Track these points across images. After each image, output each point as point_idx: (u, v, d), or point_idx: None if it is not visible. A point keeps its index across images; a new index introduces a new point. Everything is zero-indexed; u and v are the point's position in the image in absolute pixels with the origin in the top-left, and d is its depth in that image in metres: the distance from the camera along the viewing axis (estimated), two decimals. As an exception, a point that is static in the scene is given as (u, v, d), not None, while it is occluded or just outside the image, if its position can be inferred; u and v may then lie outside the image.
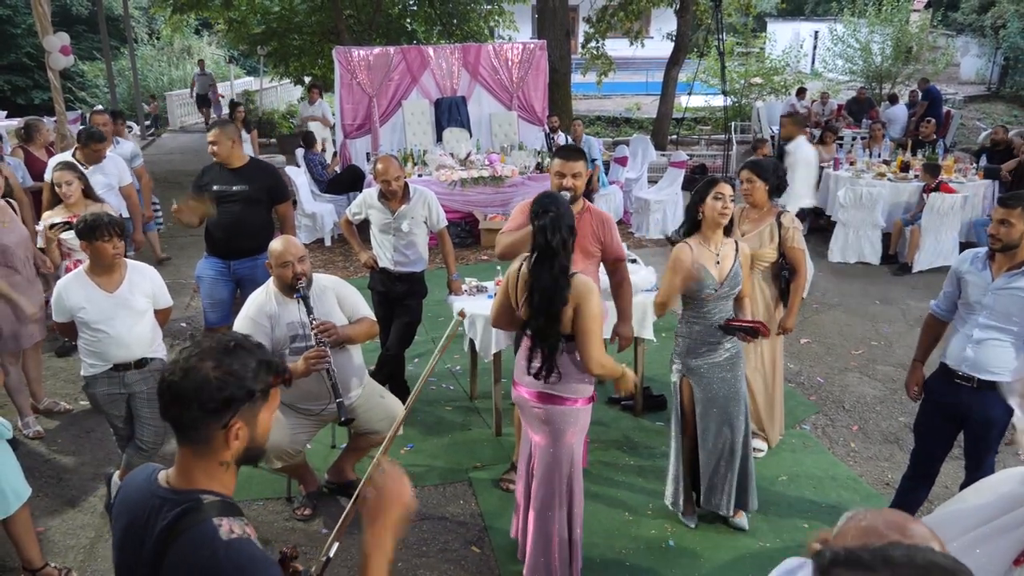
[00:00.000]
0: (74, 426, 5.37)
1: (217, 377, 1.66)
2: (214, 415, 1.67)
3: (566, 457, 3.44)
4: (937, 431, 3.77)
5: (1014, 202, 3.39)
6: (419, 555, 3.99)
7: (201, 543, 1.62)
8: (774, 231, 4.52)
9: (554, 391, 3.37)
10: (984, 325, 3.51)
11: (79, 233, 3.98)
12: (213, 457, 1.71)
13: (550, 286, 3.23)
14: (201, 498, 1.69)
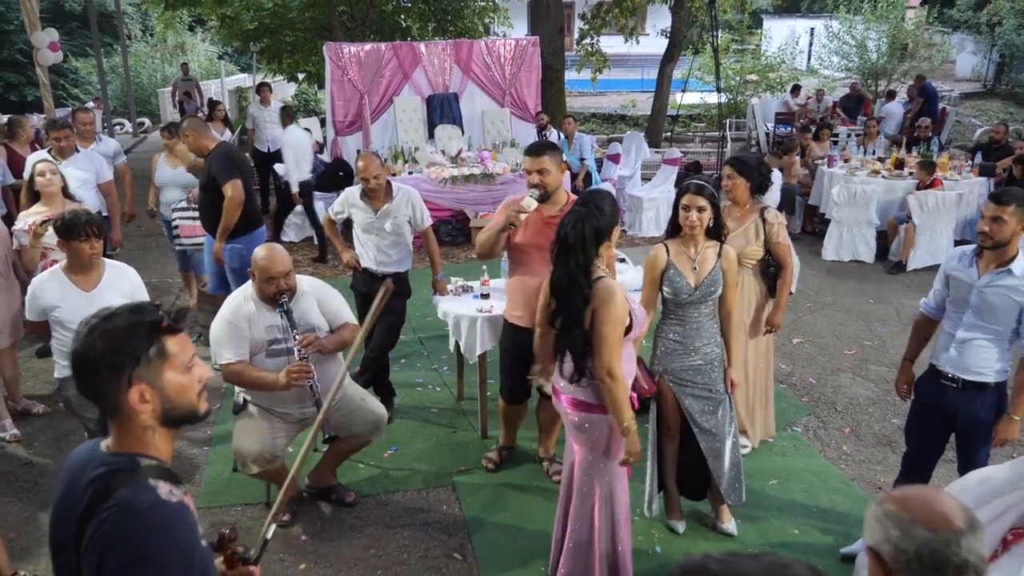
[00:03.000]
0: (52, 429, 5.27)
1: (101, 347, 1.68)
2: (110, 382, 1.69)
3: (608, 467, 3.32)
4: (927, 433, 3.69)
5: (1007, 198, 3.31)
6: (399, 563, 3.89)
7: (134, 501, 1.63)
8: (759, 228, 4.43)
9: (585, 396, 3.26)
10: (969, 324, 3.44)
11: (57, 231, 3.89)
12: (134, 422, 1.73)
13: (565, 283, 3.17)
14: (138, 460, 1.71)
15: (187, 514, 1.69)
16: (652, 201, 10.09)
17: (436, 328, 6.61)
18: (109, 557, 1.61)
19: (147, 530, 1.61)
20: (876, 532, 1.59)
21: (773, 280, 4.57)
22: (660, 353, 3.84)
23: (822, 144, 10.78)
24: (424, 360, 6.30)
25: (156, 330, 1.74)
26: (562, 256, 3.20)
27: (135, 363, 1.69)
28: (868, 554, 1.61)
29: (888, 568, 1.55)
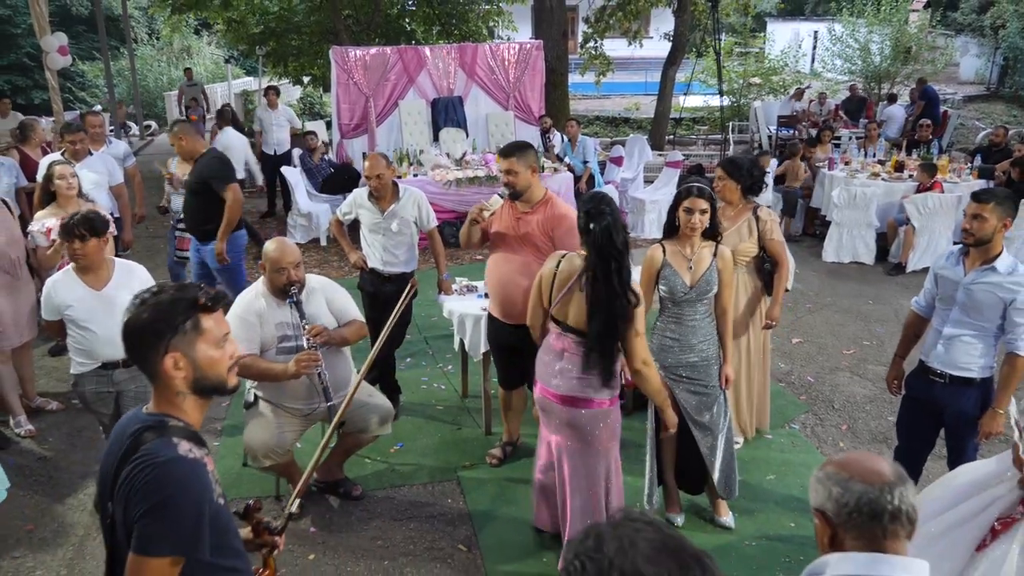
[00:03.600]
0: (66, 425, 5.39)
1: (146, 318, 1.90)
2: (152, 349, 1.90)
3: (603, 463, 3.50)
4: (917, 428, 3.81)
5: (987, 197, 3.43)
6: (405, 554, 4.00)
7: (157, 452, 1.83)
8: (752, 226, 4.53)
9: (582, 394, 3.41)
10: (955, 321, 3.56)
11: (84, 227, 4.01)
12: (168, 388, 1.93)
13: (619, 292, 3.26)
14: (167, 420, 1.92)
15: (202, 471, 1.86)
16: (654, 203, 10.20)
17: (441, 328, 6.74)
18: (132, 503, 1.80)
19: (163, 482, 1.80)
20: (820, 493, 1.75)
21: (769, 277, 4.66)
22: (657, 350, 3.94)
23: (823, 147, 10.87)
24: (429, 359, 6.42)
25: (194, 307, 1.93)
26: (609, 263, 3.26)
27: (172, 333, 1.90)
28: (815, 515, 1.76)
29: (833, 523, 1.70)
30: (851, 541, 1.69)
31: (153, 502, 1.77)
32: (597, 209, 3.33)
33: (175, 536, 1.79)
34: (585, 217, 3.35)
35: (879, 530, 1.67)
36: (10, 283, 5.04)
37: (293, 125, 11.47)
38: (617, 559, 1.09)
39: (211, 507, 1.85)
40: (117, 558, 1.92)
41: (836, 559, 1.70)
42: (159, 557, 1.78)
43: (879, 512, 1.66)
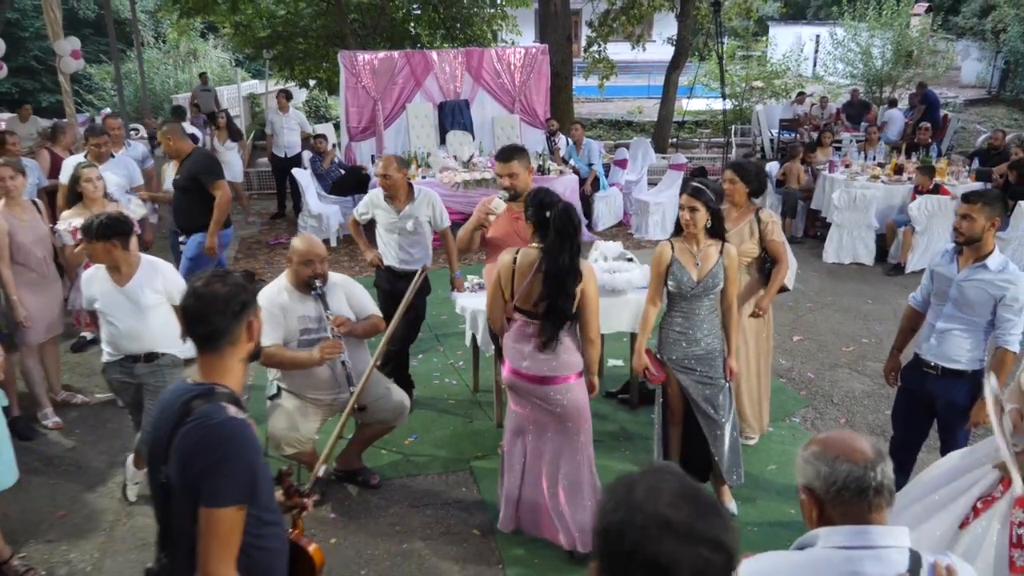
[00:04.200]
0: (91, 417, 5.58)
1: (227, 291, 2.14)
2: (237, 317, 2.14)
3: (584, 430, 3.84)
4: (910, 418, 3.99)
5: (975, 198, 3.62)
6: (423, 538, 4.19)
7: (209, 415, 2.04)
8: (754, 227, 4.68)
9: (551, 371, 3.70)
10: (948, 315, 3.74)
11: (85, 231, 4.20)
12: (235, 355, 2.18)
13: (569, 266, 3.58)
14: (215, 387, 2.13)
15: (251, 430, 2.09)
16: (658, 205, 10.38)
17: (451, 325, 6.93)
18: (191, 463, 2.00)
19: (220, 439, 2.02)
20: (807, 472, 1.88)
21: (769, 275, 4.82)
22: (665, 342, 4.14)
23: (824, 150, 11.05)
24: (440, 356, 6.60)
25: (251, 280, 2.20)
26: (564, 242, 3.59)
27: (253, 301, 2.20)
28: (802, 492, 1.90)
29: (821, 500, 1.85)
30: (839, 515, 1.84)
31: (214, 458, 1.98)
32: (548, 199, 3.71)
33: (237, 487, 2.00)
34: (539, 207, 3.68)
35: (864, 504, 1.82)
36: (38, 280, 5.23)
37: (304, 129, 11.65)
38: (644, 504, 1.26)
39: (260, 463, 2.07)
40: (170, 514, 2.12)
41: (826, 532, 1.85)
42: (226, 507, 1.98)
43: (865, 488, 1.81)
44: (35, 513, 4.46)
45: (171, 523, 2.13)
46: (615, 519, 1.26)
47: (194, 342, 2.16)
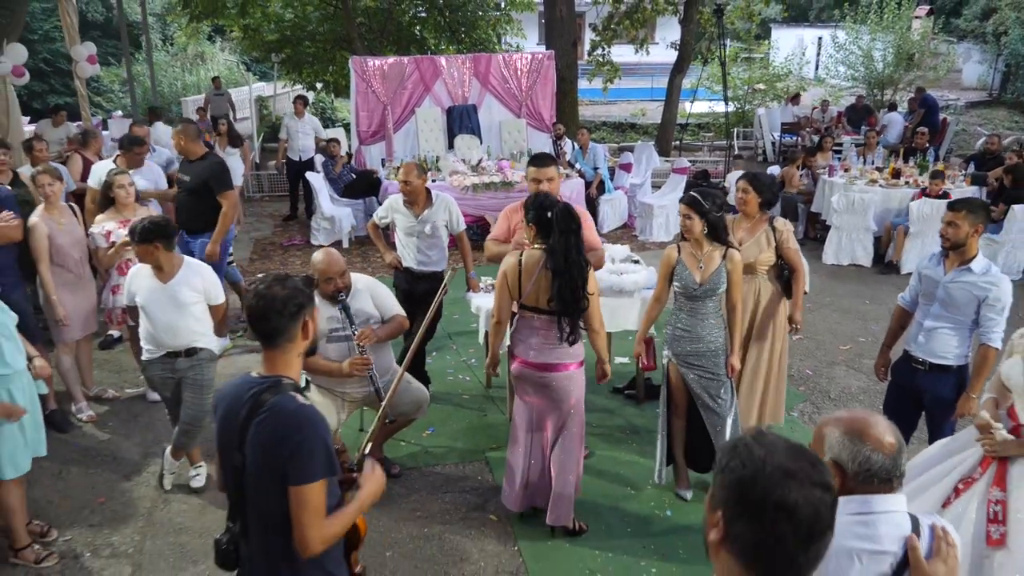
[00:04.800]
0: (123, 411, 5.86)
1: (286, 293, 2.38)
2: (294, 318, 2.38)
3: (578, 413, 4.15)
4: (900, 411, 4.23)
5: (959, 205, 3.90)
6: (443, 523, 4.47)
7: (284, 404, 2.30)
8: (770, 236, 4.86)
9: (556, 359, 4.03)
10: (935, 315, 4.01)
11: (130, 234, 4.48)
12: (294, 350, 2.43)
13: (577, 259, 3.88)
14: (281, 379, 2.38)
15: (318, 413, 2.33)
16: (662, 208, 10.65)
17: (463, 324, 7.21)
18: (273, 448, 2.26)
19: (296, 426, 2.27)
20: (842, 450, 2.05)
21: (786, 283, 5.00)
22: (670, 339, 4.43)
23: (824, 154, 11.30)
24: (453, 354, 6.88)
25: (312, 286, 2.46)
26: (569, 238, 3.90)
27: (310, 303, 2.43)
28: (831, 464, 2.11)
29: (847, 475, 2.06)
30: (859, 489, 2.06)
31: (296, 443, 2.24)
32: (547, 202, 4.01)
33: (320, 464, 2.26)
34: (540, 209, 3.99)
35: (885, 486, 2.08)
36: (74, 281, 5.50)
37: (318, 134, 11.92)
38: (768, 458, 1.51)
39: (331, 444, 2.33)
40: (244, 493, 2.39)
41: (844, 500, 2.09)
42: (314, 482, 2.25)
43: (890, 478, 2.04)
44: (76, 500, 4.74)
45: (242, 499, 2.41)
46: (747, 473, 1.50)
47: (258, 338, 2.42)
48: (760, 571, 1.46)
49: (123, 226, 5.54)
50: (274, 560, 2.40)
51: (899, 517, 2.01)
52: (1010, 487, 3.21)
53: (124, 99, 24.79)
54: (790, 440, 1.58)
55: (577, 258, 3.90)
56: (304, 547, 2.28)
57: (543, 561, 4.14)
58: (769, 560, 1.44)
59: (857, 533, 1.97)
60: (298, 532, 2.27)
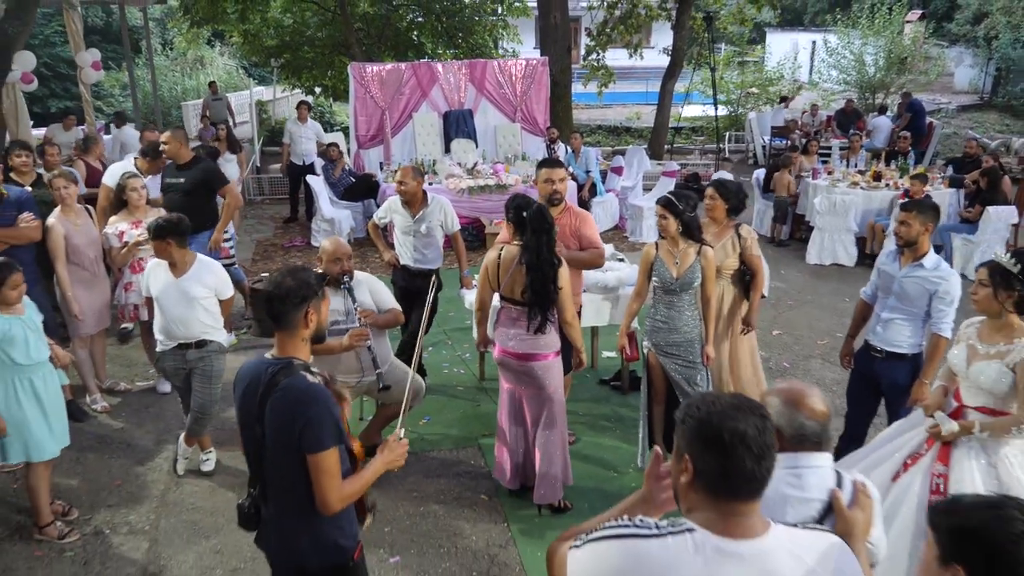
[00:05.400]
0: (134, 403, 6.18)
1: (294, 285, 2.68)
2: (297, 307, 2.68)
3: (557, 399, 4.49)
4: (861, 396, 4.59)
5: (910, 206, 4.24)
6: (438, 502, 4.79)
7: (296, 383, 2.61)
8: (735, 243, 5.14)
9: (532, 349, 4.38)
10: (891, 307, 4.34)
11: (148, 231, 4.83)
12: (298, 335, 2.73)
13: (548, 256, 4.24)
14: (293, 361, 2.69)
15: (327, 392, 2.65)
16: (652, 210, 10.92)
17: (458, 321, 7.54)
18: (289, 421, 2.57)
19: (308, 401, 2.57)
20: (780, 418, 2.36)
21: (747, 287, 5.28)
22: (650, 330, 4.77)
23: (809, 157, 11.63)
24: (448, 348, 7.21)
25: (323, 281, 2.76)
26: (540, 237, 4.26)
27: (313, 296, 2.72)
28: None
29: (783, 437, 2.36)
30: (793, 449, 2.37)
31: (309, 415, 2.55)
32: (524, 203, 4.37)
33: (331, 433, 2.58)
34: (517, 209, 4.35)
35: (815, 447, 2.40)
36: (89, 279, 5.82)
37: (320, 139, 12.25)
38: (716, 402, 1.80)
39: (339, 418, 2.65)
40: (263, 461, 2.72)
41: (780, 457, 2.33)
42: (328, 449, 2.56)
43: (820, 440, 2.35)
44: (95, 483, 5.06)
45: (261, 467, 2.73)
46: (702, 415, 1.79)
47: (271, 321, 2.75)
48: (726, 494, 1.75)
49: (135, 227, 5.88)
50: (290, 519, 2.73)
51: (825, 472, 2.34)
52: (952, 462, 3.54)
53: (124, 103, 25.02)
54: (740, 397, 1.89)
55: (548, 255, 4.25)
56: (325, 507, 2.61)
57: (530, 536, 4.47)
58: (734, 480, 1.73)
59: (790, 483, 2.29)
60: (319, 494, 2.59)
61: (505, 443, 4.67)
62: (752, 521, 1.76)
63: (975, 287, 3.58)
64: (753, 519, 1.76)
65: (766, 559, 1.72)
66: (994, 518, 1.70)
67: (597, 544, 1.79)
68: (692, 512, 1.81)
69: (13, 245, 5.42)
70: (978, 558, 1.69)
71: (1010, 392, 3.44)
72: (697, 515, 1.78)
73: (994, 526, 1.68)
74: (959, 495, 1.91)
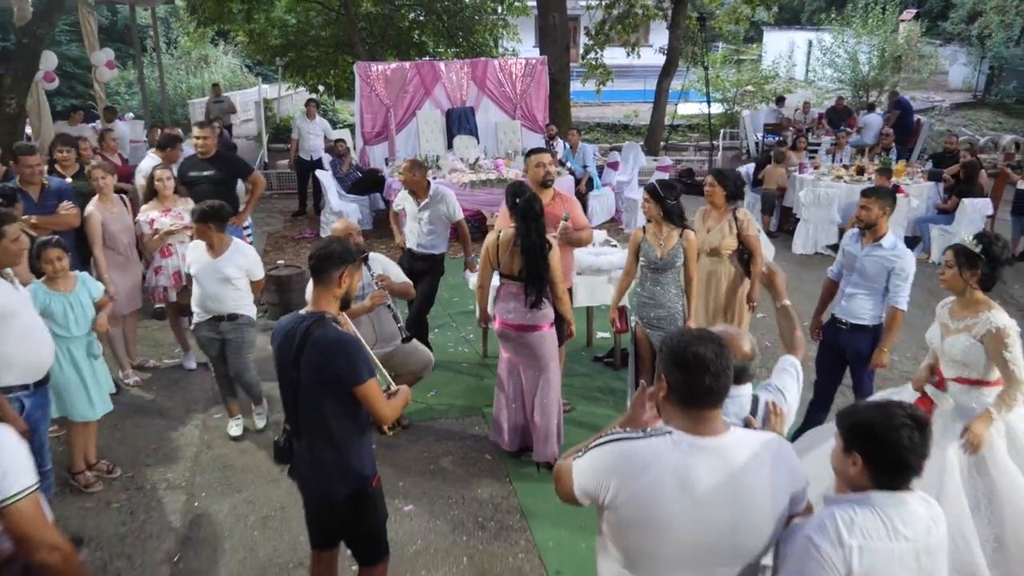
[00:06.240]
0: (163, 378, 6.68)
1: (337, 249, 3.24)
2: (336, 267, 3.18)
3: (552, 367, 4.97)
4: (827, 365, 5.08)
5: (870, 192, 4.74)
6: (447, 462, 5.31)
7: (328, 334, 3.10)
8: (732, 225, 5.60)
9: (529, 321, 4.88)
10: (854, 283, 4.84)
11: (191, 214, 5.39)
12: (331, 292, 3.22)
13: (537, 241, 4.73)
14: (325, 314, 3.17)
15: (355, 337, 3.16)
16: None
17: (462, 305, 8.05)
18: (326, 365, 3.06)
19: (339, 347, 3.07)
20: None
21: (747, 265, 5.80)
22: (637, 305, 5.29)
23: (798, 153, 12.13)
24: (453, 330, 7.71)
25: (359, 252, 3.28)
26: (529, 223, 4.79)
27: (351, 262, 3.20)
28: None
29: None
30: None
31: (344, 355, 3.05)
32: (519, 190, 4.91)
33: (366, 366, 3.09)
34: (511, 196, 4.90)
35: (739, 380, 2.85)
36: (123, 263, 6.32)
37: (327, 135, 12.74)
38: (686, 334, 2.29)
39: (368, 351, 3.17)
40: (297, 401, 3.20)
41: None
42: (367, 381, 3.07)
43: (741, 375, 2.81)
44: (132, 447, 5.56)
45: (297, 407, 3.22)
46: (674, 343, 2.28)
47: (312, 275, 3.26)
48: (693, 403, 2.23)
49: (165, 215, 6.37)
50: (320, 451, 3.23)
51: (743, 400, 2.84)
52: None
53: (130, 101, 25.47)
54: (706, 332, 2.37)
55: (537, 240, 4.76)
56: (381, 421, 3.22)
57: (530, 491, 4.97)
58: (696, 392, 2.21)
59: None
60: (374, 413, 3.17)
61: (504, 408, 5.17)
62: (715, 424, 2.26)
63: (943, 268, 4.03)
64: (716, 423, 2.26)
65: (726, 450, 2.22)
66: (881, 415, 2.19)
67: (596, 450, 2.31)
68: (670, 422, 2.30)
69: (55, 231, 5.90)
70: (869, 445, 2.19)
71: (984, 362, 3.81)
72: (673, 422, 2.28)
73: (881, 421, 2.18)
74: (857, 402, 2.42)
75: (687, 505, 2.17)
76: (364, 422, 3.28)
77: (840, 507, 2.19)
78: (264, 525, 4.65)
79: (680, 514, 2.17)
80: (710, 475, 2.18)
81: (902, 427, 2.15)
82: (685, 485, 2.17)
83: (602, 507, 2.30)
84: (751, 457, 2.23)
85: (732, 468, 2.20)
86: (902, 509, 2.17)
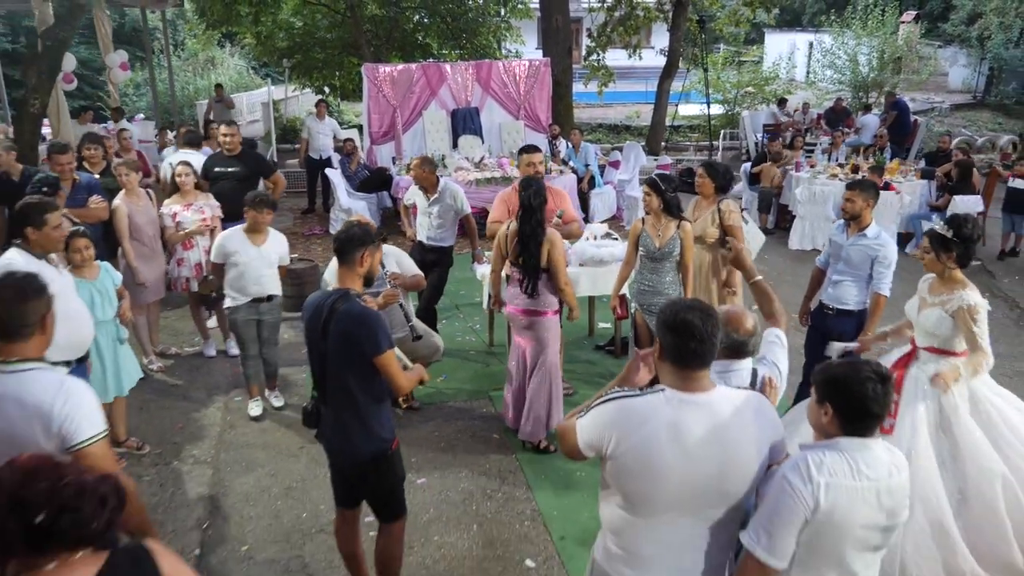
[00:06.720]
0: (185, 364, 7.01)
1: (359, 232, 3.55)
2: (357, 248, 3.49)
3: (551, 351, 5.27)
4: (815, 349, 5.38)
5: (854, 185, 5.05)
6: (456, 439, 5.64)
7: (352, 308, 3.40)
8: (715, 215, 5.97)
9: (534, 307, 5.20)
10: (840, 271, 5.15)
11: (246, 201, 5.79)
12: (356, 271, 3.53)
13: (533, 231, 5.04)
14: (350, 291, 3.48)
15: (377, 312, 3.47)
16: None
17: (469, 297, 8.38)
18: (352, 336, 3.38)
19: (364, 318, 3.38)
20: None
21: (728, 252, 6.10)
22: (636, 292, 5.61)
23: (795, 152, 12.44)
24: (460, 320, 8.04)
25: (380, 236, 3.56)
26: (527, 215, 5.09)
27: (371, 243, 3.51)
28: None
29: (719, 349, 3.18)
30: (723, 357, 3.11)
31: (367, 328, 3.36)
32: (528, 184, 5.17)
33: (386, 338, 3.40)
34: (522, 188, 5.19)
35: (740, 355, 3.20)
36: (148, 254, 6.64)
37: (336, 135, 13.06)
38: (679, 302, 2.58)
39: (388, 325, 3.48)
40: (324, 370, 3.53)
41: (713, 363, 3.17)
42: (386, 351, 3.39)
43: (742, 349, 3.16)
44: (159, 426, 5.89)
45: (324, 376, 3.54)
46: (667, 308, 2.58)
47: (336, 256, 3.58)
48: (682, 363, 2.52)
49: (187, 208, 6.70)
50: (346, 416, 3.56)
51: (744, 373, 3.14)
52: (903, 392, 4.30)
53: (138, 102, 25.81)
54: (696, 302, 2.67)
55: (534, 230, 5.06)
56: (398, 390, 3.53)
57: (534, 464, 5.30)
58: (685, 354, 2.50)
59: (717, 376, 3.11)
60: (391, 382, 3.47)
61: (511, 387, 5.48)
62: (704, 383, 2.55)
63: (922, 253, 4.37)
64: (704, 382, 2.56)
65: (713, 405, 2.51)
66: (850, 370, 2.50)
67: (598, 408, 2.61)
68: (663, 380, 2.61)
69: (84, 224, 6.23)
70: (838, 396, 2.49)
71: (951, 334, 4.16)
72: (666, 380, 2.58)
73: (849, 375, 2.49)
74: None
75: (679, 454, 2.45)
76: (384, 390, 3.59)
77: (812, 451, 2.50)
78: (286, 495, 4.98)
79: (673, 462, 2.45)
80: (699, 427, 2.47)
81: (867, 380, 2.46)
82: (678, 436, 2.46)
83: (605, 458, 2.58)
84: (735, 411, 2.52)
85: (719, 421, 2.49)
86: (866, 453, 2.47)
